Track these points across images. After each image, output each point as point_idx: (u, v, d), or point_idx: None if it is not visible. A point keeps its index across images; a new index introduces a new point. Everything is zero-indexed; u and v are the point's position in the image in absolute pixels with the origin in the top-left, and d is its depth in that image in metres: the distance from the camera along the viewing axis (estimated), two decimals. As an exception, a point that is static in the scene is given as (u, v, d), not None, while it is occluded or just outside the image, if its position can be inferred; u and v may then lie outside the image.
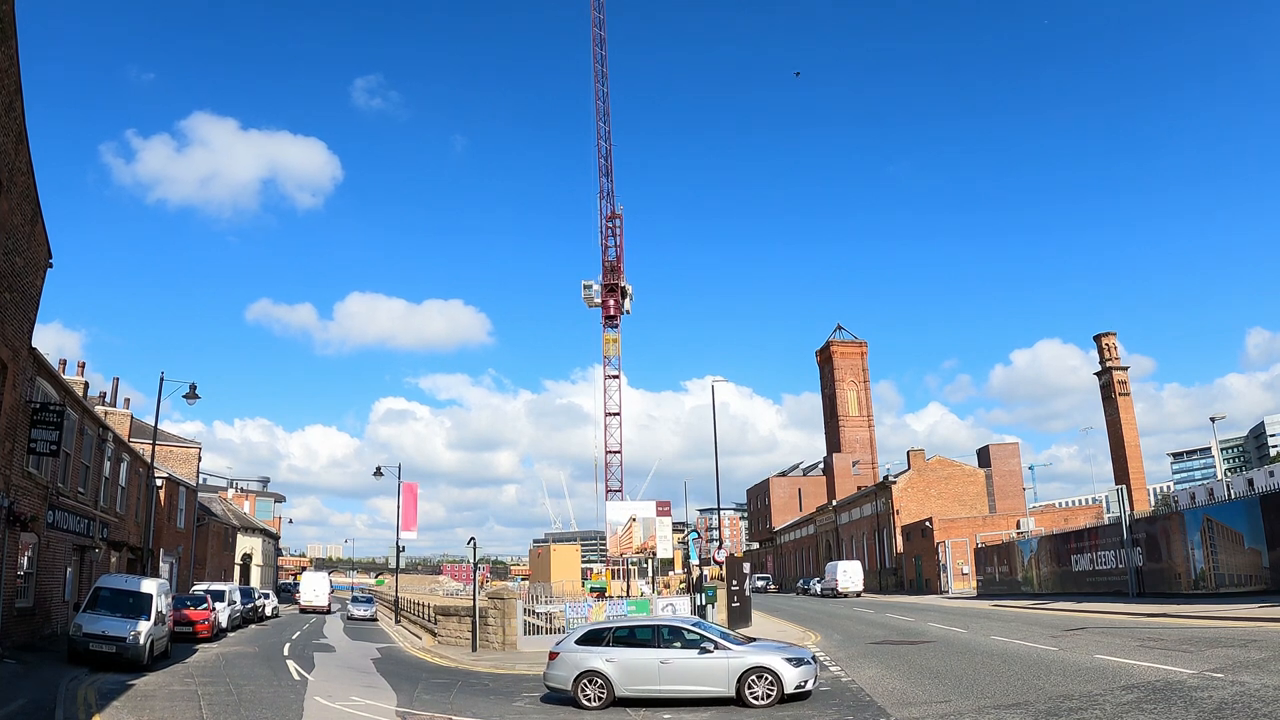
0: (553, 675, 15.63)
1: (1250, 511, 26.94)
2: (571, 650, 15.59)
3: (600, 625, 16.70)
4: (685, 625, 15.63)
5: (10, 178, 18.02)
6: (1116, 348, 75.86)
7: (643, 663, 14.88)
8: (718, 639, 14.92)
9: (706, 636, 14.95)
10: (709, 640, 14.80)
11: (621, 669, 14.94)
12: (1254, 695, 11.15)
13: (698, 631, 15.18)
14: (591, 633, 15.96)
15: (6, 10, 16.88)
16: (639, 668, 14.88)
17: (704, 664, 14.53)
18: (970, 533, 56.79)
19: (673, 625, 15.82)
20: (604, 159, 78.46)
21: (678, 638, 15.15)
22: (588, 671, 15.02)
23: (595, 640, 15.57)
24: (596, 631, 15.98)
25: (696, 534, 37.76)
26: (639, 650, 15.14)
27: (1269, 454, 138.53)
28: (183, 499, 46.53)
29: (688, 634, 15.13)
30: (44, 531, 22.90)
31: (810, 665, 14.59)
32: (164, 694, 15.85)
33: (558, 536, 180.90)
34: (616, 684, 14.85)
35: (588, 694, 14.92)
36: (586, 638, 15.78)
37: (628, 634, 15.72)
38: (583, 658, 15.24)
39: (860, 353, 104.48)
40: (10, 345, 19.41)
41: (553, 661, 15.79)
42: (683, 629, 15.38)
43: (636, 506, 59.62)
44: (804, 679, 14.19)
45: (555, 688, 15.60)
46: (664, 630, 15.52)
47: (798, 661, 14.42)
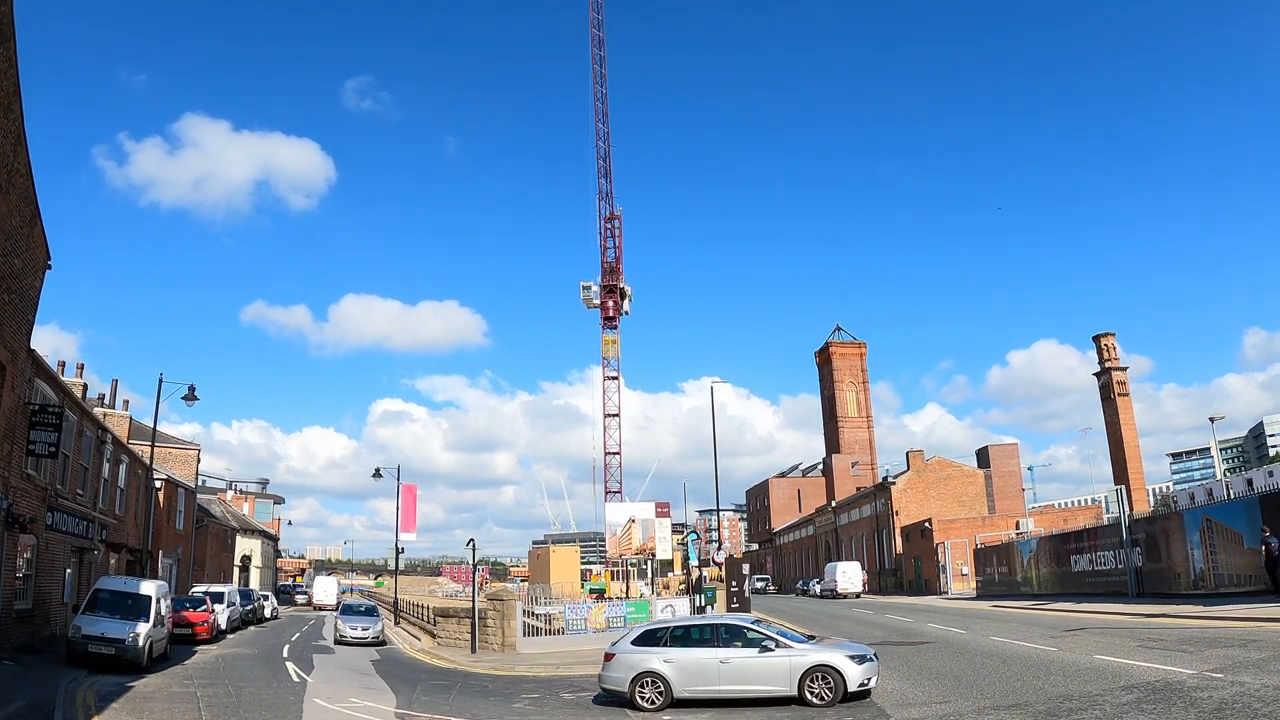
0: (608, 677, 15.31)
1: (1250, 511, 26.94)
2: (627, 651, 15.28)
3: (657, 625, 16.34)
4: (745, 624, 15.27)
5: (9, 179, 18.01)
6: (1115, 348, 75.98)
7: (702, 663, 14.55)
8: (778, 637, 14.58)
9: (767, 635, 14.63)
10: (770, 638, 14.46)
11: (680, 669, 14.61)
12: (1254, 695, 11.15)
13: (758, 630, 14.83)
14: (648, 633, 15.67)
15: (5, 11, 16.87)
16: (698, 668, 14.55)
17: (765, 663, 14.18)
18: (969, 533, 56.77)
19: (732, 624, 15.39)
20: (603, 160, 78.60)
21: (738, 636, 14.78)
22: (645, 673, 14.72)
23: (652, 640, 15.28)
24: (653, 632, 15.69)
25: (696, 535, 37.78)
26: (697, 650, 14.80)
27: (1268, 454, 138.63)
28: (182, 500, 46.49)
29: (748, 632, 14.78)
30: (43, 533, 22.88)
31: (873, 662, 14.14)
32: (163, 696, 15.83)
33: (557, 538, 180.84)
34: (675, 685, 14.55)
35: (645, 695, 14.61)
36: (643, 638, 15.48)
37: (685, 634, 15.38)
38: (640, 659, 14.95)
39: (859, 353, 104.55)
40: (9, 347, 19.39)
41: (608, 663, 15.48)
42: (743, 627, 15.05)
43: (636, 508, 59.68)
44: (867, 676, 13.81)
45: (611, 690, 15.26)
46: (723, 629, 15.13)
47: (861, 658, 14.02)
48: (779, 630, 15.24)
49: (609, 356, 77.75)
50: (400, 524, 50.13)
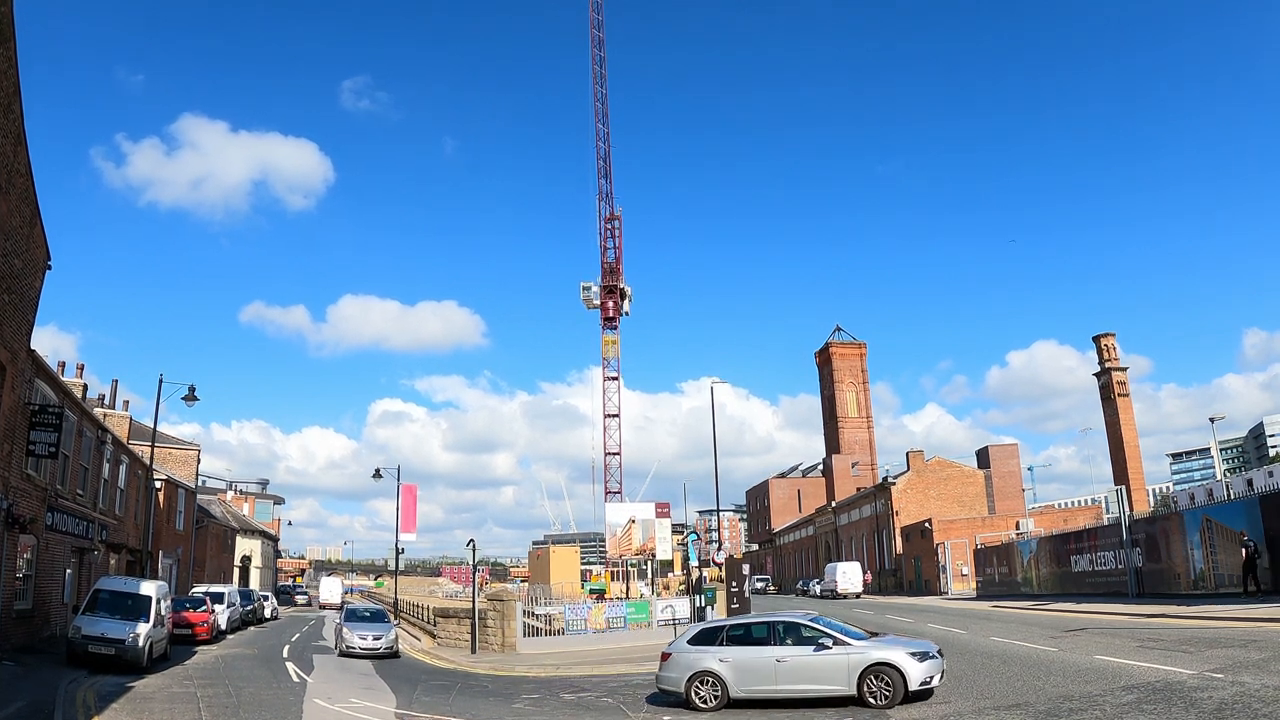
0: (664, 677, 15.11)
1: (1250, 512, 26.96)
2: (684, 650, 15.05)
3: (714, 624, 15.86)
4: (803, 621, 14.67)
5: (9, 179, 18.01)
6: (1115, 348, 76.00)
7: (758, 662, 14.21)
8: (837, 634, 14.07)
9: (824, 632, 14.11)
10: (827, 636, 13.97)
11: (736, 669, 14.31)
12: (1254, 696, 11.15)
13: (815, 627, 14.29)
14: (705, 632, 15.39)
15: (5, 12, 16.87)
16: (754, 667, 14.22)
17: (822, 661, 13.71)
18: (969, 534, 56.78)
19: (790, 621, 14.82)
20: (603, 160, 78.53)
21: (795, 634, 14.32)
22: (701, 672, 14.47)
23: (708, 639, 15.00)
24: (710, 630, 15.37)
25: (696, 535, 37.72)
26: (754, 649, 14.47)
27: (1268, 454, 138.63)
28: (182, 501, 46.49)
29: (805, 630, 14.28)
30: (43, 533, 22.88)
31: (936, 660, 13.51)
32: (163, 696, 15.83)
33: (557, 538, 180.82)
34: (731, 684, 14.23)
35: (701, 695, 14.36)
36: (699, 637, 15.22)
37: (743, 632, 15.03)
38: (695, 658, 14.70)
39: (859, 354, 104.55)
40: (9, 347, 19.39)
41: (665, 662, 15.28)
42: (801, 625, 14.50)
43: (636, 508, 59.64)
44: (929, 674, 13.22)
45: (667, 689, 15.07)
46: (780, 627, 14.65)
47: (923, 656, 13.42)
48: (840, 627, 14.67)
49: (609, 357, 77.77)
50: (400, 524, 50.18)
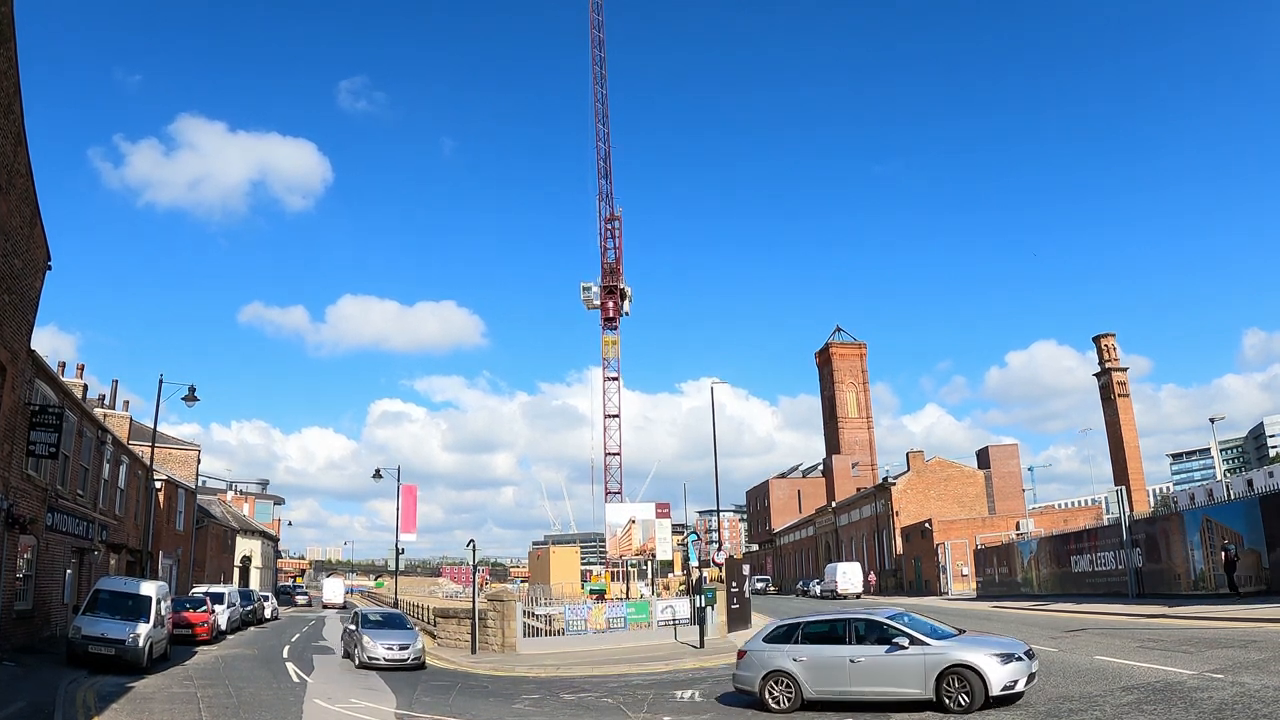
0: (740, 676, 14.62)
1: (1250, 512, 26.97)
2: (759, 649, 14.52)
3: (791, 620, 15.03)
4: (881, 619, 13.72)
5: (9, 180, 18.01)
6: (1115, 349, 76.04)
7: (832, 661, 13.50)
8: (915, 633, 13.14)
9: (901, 630, 13.21)
10: (903, 634, 13.09)
11: (810, 669, 13.66)
12: (1254, 696, 11.15)
13: (892, 625, 13.41)
14: (781, 629, 14.71)
15: (5, 12, 16.88)
16: (828, 667, 13.52)
17: (896, 662, 12.88)
18: (970, 534, 56.79)
19: (868, 619, 13.92)
20: (603, 160, 78.49)
21: (873, 632, 13.51)
22: (775, 671, 13.92)
23: (785, 637, 14.39)
24: (787, 628, 14.65)
25: (696, 536, 37.72)
26: (829, 647, 13.74)
27: (1268, 454, 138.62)
28: (182, 501, 46.50)
29: (883, 628, 13.43)
30: (43, 534, 22.89)
31: (1023, 661, 12.41)
32: (163, 696, 15.83)
33: (557, 538, 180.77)
34: (805, 685, 13.60)
35: (774, 695, 13.82)
36: (775, 635, 14.61)
37: (819, 630, 14.27)
38: (770, 656, 14.15)
39: (859, 354, 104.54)
40: (9, 347, 19.40)
41: (740, 661, 14.79)
42: (879, 622, 13.60)
43: (636, 508, 59.73)
44: (1014, 678, 12.15)
45: (743, 689, 14.53)
46: (858, 625, 13.84)
47: (1007, 656, 12.37)
48: (926, 625, 13.75)
49: (609, 357, 77.78)
50: (400, 524, 50.15)
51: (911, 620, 13.72)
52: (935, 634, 13.35)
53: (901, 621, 13.53)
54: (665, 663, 21.95)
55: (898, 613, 14.15)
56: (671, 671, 20.42)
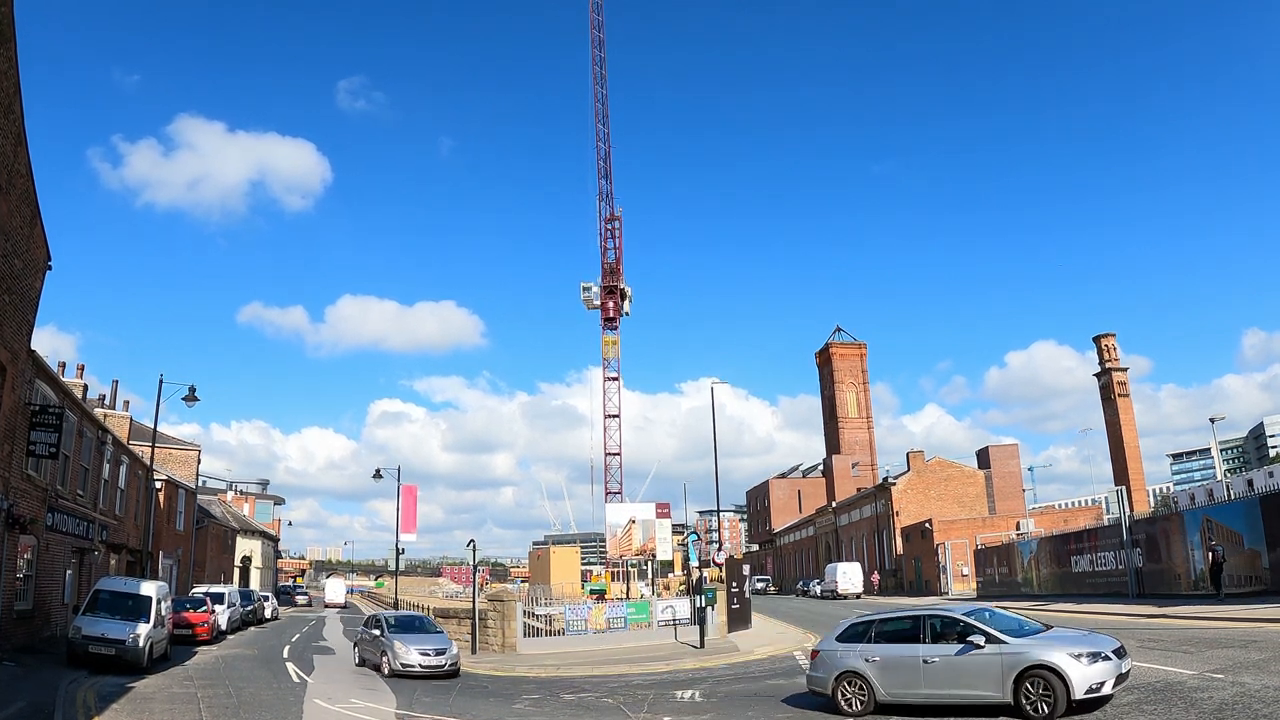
0: (812, 676, 14.00)
1: (1250, 512, 26.96)
2: (831, 648, 13.82)
3: (865, 618, 14.20)
4: (957, 614, 12.87)
5: (9, 180, 18.01)
6: (1115, 349, 76.07)
7: (905, 661, 12.69)
8: (991, 630, 12.16)
9: (976, 627, 12.25)
10: (979, 632, 12.13)
11: (882, 669, 12.89)
12: (1254, 696, 11.15)
13: (967, 621, 12.50)
14: (854, 627, 13.94)
15: (5, 12, 16.88)
16: (901, 667, 12.72)
17: (971, 662, 11.94)
18: (970, 534, 56.80)
19: (944, 615, 13.07)
20: (603, 160, 78.42)
21: (949, 630, 12.63)
22: (846, 672, 13.21)
23: (858, 636, 13.63)
24: (861, 625, 13.90)
25: (696, 536, 37.71)
26: (902, 647, 12.93)
27: (1268, 454, 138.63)
28: (182, 501, 46.51)
29: (959, 625, 12.55)
30: (43, 534, 22.89)
31: (1112, 661, 11.28)
32: (163, 696, 15.83)
33: (557, 538, 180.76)
34: (878, 687, 12.86)
35: (846, 697, 13.14)
36: (848, 633, 13.86)
37: (893, 627, 13.49)
38: (842, 656, 13.44)
39: (859, 354, 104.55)
40: (9, 347, 19.40)
41: (813, 661, 14.16)
42: (955, 619, 12.74)
43: (636, 509, 59.68)
44: (1100, 679, 11.05)
45: (816, 690, 13.91)
46: (933, 621, 12.97)
47: (1094, 655, 11.26)
48: (1008, 621, 12.83)
49: (609, 357, 77.76)
50: (400, 525, 50.14)
51: (993, 616, 12.85)
52: (1020, 631, 12.43)
53: (980, 618, 12.63)
54: (665, 663, 21.95)
55: (978, 608, 13.31)
56: (672, 671, 20.42)
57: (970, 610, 13.04)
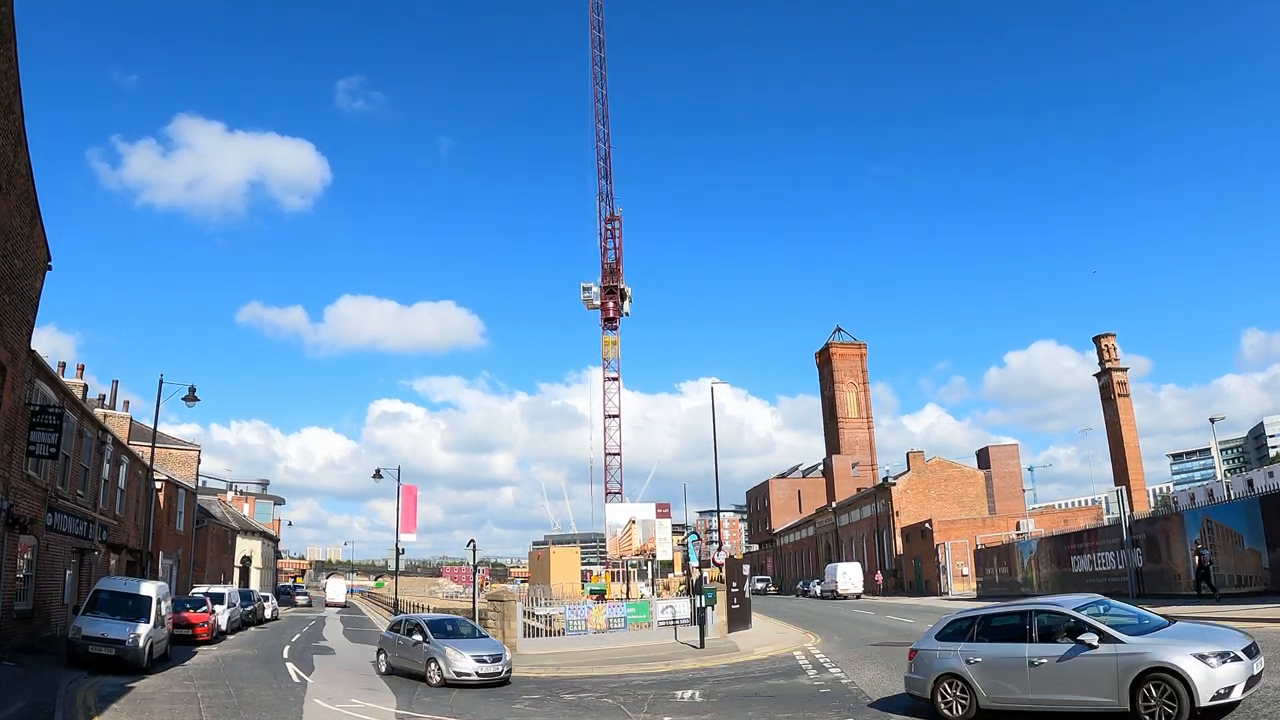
0: (910, 679, 12.79)
1: (1250, 512, 26.96)
2: (930, 647, 12.54)
3: (968, 613, 12.84)
4: (1066, 609, 11.39)
5: (9, 180, 18.01)
6: (1115, 349, 76.09)
7: (1008, 662, 11.41)
8: (1104, 627, 10.77)
9: (1088, 624, 10.81)
10: (1090, 629, 10.72)
11: (984, 671, 11.61)
12: (1254, 696, 11.11)
13: (1078, 617, 11.08)
14: (956, 623, 12.63)
15: (5, 12, 16.88)
16: (1005, 669, 11.44)
17: (1081, 664, 10.59)
18: (970, 534, 56.79)
19: (1052, 609, 11.55)
20: (603, 161, 78.46)
21: (1059, 626, 11.19)
22: (946, 674, 11.98)
23: (960, 633, 12.37)
24: (963, 622, 12.57)
25: (696, 536, 37.71)
26: (1006, 646, 11.57)
27: (1268, 455, 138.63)
28: (182, 501, 46.50)
29: (1070, 622, 11.11)
30: (43, 534, 22.89)
31: (1241, 661, 9.93)
32: (163, 696, 15.82)
33: (557, 539, 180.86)
34: (980, 690, 11.56)
35: (946, 701, 11.94)
36: (949, 630, 12.56)
37: (1000, 624, 12.07)
38: (942, 656, 12.19)
39: (859, 354, 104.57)
40: (9, 347, 19.40)
41: (911, 661, 12.89)
42: (1065, 614, 11.25)
43: (636, 509, 59.68)
44: (1229, 683, 9.72)
45: (914, 694, 12.68)
46: (1040, 617, 11.49)
47: (1222, 655, 9.87)
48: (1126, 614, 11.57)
49: (609, 358, 77.77)
50: (400, 525, 50.17)
51: (1108, 610, 11.50)
52: (1138, 626, 11.04)
53: (1094, 613, 11.26)
54: (666, 663, 21.94)
55: (1090, 600, 11.86)
56: (672, 672, 20.42)
57: (1082, 603, 11.61)
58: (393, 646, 21.61)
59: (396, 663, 21.13)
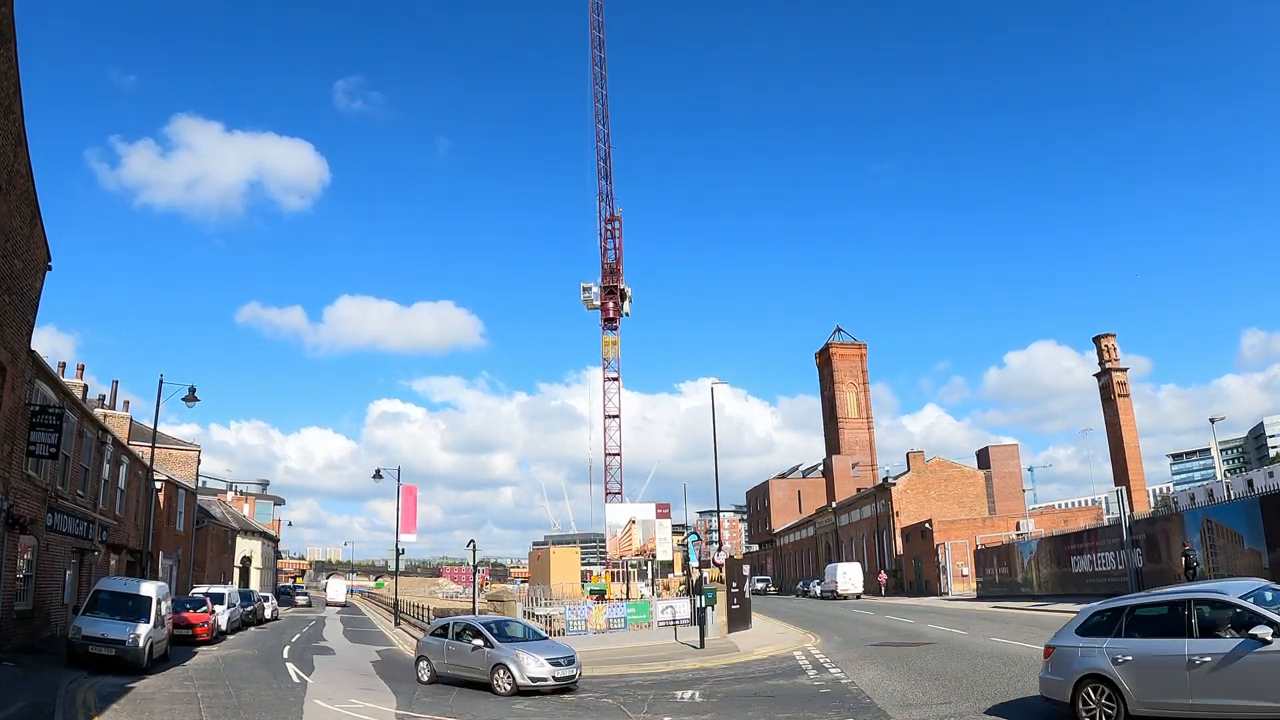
0: (1047, 680, 10.99)
1: (1250, 512, 26.98)
2: (1070, 643, 10.78)
3: (1114, 603, 10.99)
4: (1231, 597, 9.60)
5: (9, 180, 18.01)
6: (1115, 349, 76.09)
7: (1164, 661, 9.63)
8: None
9: (1259, 615, 9.05)
10: (1264, 621, 8.93)
11: (1134, 672, 9.81)
12: None
13: (1243, 606, 9.29)
14: (1099, 616, 10.79)
15: (5, 13, 16.88)
16: (1158, 669, 9.66)
17: (1253, 664, 8.84)
18: (970, 534, 56.81)
19: (1215, 597, 9.80)
20: (603, 161, 78.49)
21: (1222, 618, 9.46)
22: (1089, 675, 10.22)
23: (1104, 627, 10.57)
24: (1108, 613, 10.75)
25: (696, 536, 37.71)
26: (1160, 643, 9.81)
27: (1268, 455, 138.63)
28: (182, 501, 46.49)
29: (1236, 612, 9.35)
30: (43, 534, 22.89)
31: None
32: (163, 697, 15.82)
33: (557, 539, 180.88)
34: (1130, 695, 9.77)
35: (1089, 708, 10.13)
36: (1092, 623, 10.77)
37: (1152, 614, 10.36)
38: (1084, 654, 10.41)
39: (859, 354, 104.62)
40: (9, 348, 19.40)
41: (1048, 659, 11.09)
42: (1229, 604, 9.51)
43: (636, 509, 59.71)
44: None
45: (1051, 697, 10.86)
46: (1201, 608, 9.71)
47: None
48: None
49: (609, 358, 77.79)
50: (400, 525, 50.14)
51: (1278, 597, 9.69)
52: None
53: (1261, 600, 9.45)
54: (666, 663, 21.94)
55: (1259, 587, 9.98)
56: (672, 672, 20.41)
57: (1249, 590, 9.80)
58: (439, 653, 19.49)
59: (445, 670, 19.22)
